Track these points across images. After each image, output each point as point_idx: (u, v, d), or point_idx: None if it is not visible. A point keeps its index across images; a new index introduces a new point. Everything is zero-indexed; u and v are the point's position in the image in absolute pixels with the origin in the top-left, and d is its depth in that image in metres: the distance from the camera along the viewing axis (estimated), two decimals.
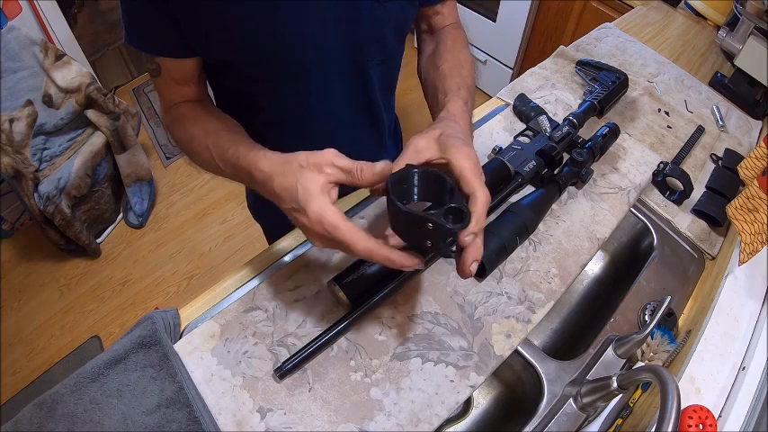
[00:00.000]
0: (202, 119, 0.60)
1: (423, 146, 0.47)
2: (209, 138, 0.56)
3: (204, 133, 0.57)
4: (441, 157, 0.47)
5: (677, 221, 0.78)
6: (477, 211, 0.42)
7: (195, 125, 0.59)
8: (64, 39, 1.95)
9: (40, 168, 1.60)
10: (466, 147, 0.46)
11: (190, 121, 0.60)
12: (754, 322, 0.66)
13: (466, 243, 0.41)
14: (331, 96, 0.65)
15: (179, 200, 2.02)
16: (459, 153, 0.45)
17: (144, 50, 0.56)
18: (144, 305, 1.73)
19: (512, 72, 2.13)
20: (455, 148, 0.46)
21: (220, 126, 0.58)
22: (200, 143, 0.57)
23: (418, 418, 0.54)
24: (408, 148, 0.47)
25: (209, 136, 0.56)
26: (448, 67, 0.61)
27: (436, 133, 0.49)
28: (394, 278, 0.57)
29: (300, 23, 0.54)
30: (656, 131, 0.89)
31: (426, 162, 0.47)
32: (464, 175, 0.44)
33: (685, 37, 1.16)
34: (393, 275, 0.57)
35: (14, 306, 1.73)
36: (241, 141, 0.54)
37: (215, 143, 0.55)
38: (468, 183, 0.44)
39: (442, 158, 0.47)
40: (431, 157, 0.47)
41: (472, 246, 0.41)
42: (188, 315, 0.62)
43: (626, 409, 0.60)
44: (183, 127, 0.60)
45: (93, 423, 0.50)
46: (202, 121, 0.59)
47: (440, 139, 0.48)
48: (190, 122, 0.60)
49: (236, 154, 0.52)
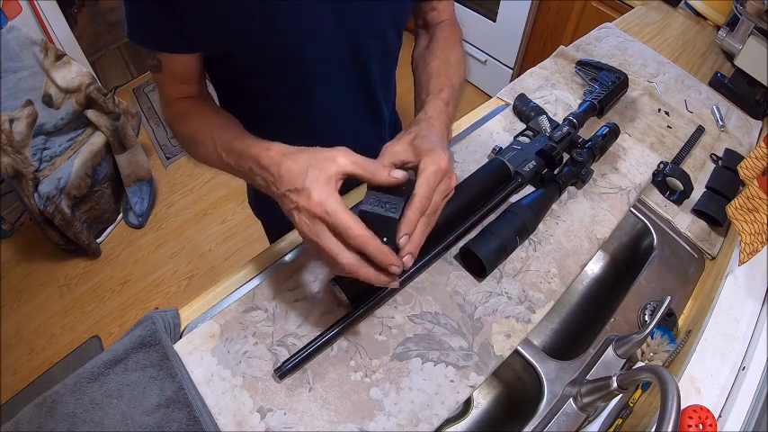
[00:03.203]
0: (207, 113, 0.60)
1: (398, 150, 0.50)
2: (214, 130, 0.57)
3: (209, 126, 0.58)
4: (416, 160, 0.49)
5: (677, 221, 0.78)
6: (406, 215, 0.46)
7: (199, 118, 0.59)
8: (64, 39, 1.94)
9: (40, 168, 1.60)
10: (437, 151, 0.48)
11: (193, 115, 0.60)
12: (754, 322, 0.66)
13: (401, 245, 0.46)
14: (332, 91, 0.65)
15: (179, 200, 2.02)
16: (427, 157, 0.48)
17: (145, 46, 0.56)
18: (144, 305, 1.73)
19: (512, 72, 2.13)
20: (428, 153, 0.48)
21: (226, 122, 0.59)
22: (204, 134, 0.57)
23: (418, 418, 0.54)
24: (384, 155, 0.50)
25: (214, 129, 0.57)
26: (435, 66, 0.62)
27: (410, 137, 0.51)
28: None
29: (300, 21, 0.54)
30: (656, 131, 0.89)
31: (402, 163, 0.50)
32: (419, 177, 0.47)
33: (685, 37, 1.16)
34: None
35: (14, 306, 1.73)
36: (248, 134, 0.55)
37: (220, 135, 0.55)
38: (418, 185, 0.47)
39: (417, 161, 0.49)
40: (405, 160, 0.50)
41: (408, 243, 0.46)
42: (188, 315, 0.62)
43: (626, 409, 0.60)
44: (186, 120, 0.60)
45: (93, 423, 0.50)
46: (206, 115, 0.60)
47: (414, 143, 0.50)
48: (193, 116, 0.60)
49: (244, 142, 0.52)
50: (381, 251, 0.45)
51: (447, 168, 0.48)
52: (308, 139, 0.55)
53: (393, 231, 0.46)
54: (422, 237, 0.48)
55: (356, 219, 0.44)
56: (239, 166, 0.53)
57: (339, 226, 0.44)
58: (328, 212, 0.44)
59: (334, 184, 0.46)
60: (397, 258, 0.46)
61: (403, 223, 0.46)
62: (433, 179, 0.47)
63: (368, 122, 0.75)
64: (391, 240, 0.46)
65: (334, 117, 0.69)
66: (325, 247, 0.45)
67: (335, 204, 0.44)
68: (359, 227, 0.44)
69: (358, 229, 0.44)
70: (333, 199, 0.44)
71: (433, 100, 0.57)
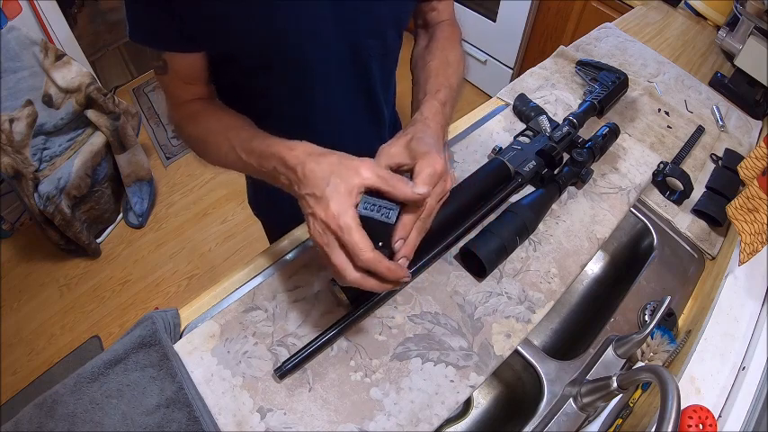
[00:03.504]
0: (218, 114, 0.60)
1: (394, 152, 0.50)
2: (228, 131, 0.56)
3: (222, 126, 0.57)
4: (412, 162, 0.49)
5: (677, 221, 0.78)
6: (402, 220, 0.47)
7: (211, 119, 0.59)
8: (64, 39, 1.94)
9: (40, 168, 1.60)
10: (433, 154, 0.48)
11: (203, 117, 0.60)
12: (754, 322, 0.66)
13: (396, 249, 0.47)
14: (333, 91, 0.65)
15: (179, 200, 2.02)
16: (423, 160, 0.48)
17: (147, 45, 0.56)
18: (144, 305, 1.73)
19: (512, 72, 2.13)
20: (424, 155, 0.48)
21: (240, 122, 0.58)
22: (217, 135, 0.57)
23: (418, 418, 0.54)
24: (380, 156, 0.50)
25: (228, 129, 0.57)
26: (434, 66, 0.62)
27: (406, 139, 0.51)
28: None
29: (300, 21, 0.54)
30: (656, 131, 0.89)
31: (398, 165, 0.50)
32: (415, 180, 0.47)
33: (685, 37, 1.16)
34: None
35: (14, 306, 1.73)
36: (266, 133, 0.54)
37: (237, 135, 0.55)
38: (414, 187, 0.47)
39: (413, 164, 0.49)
40: (400, 163, 0.50)
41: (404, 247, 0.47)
42: (188, 315, 0.62)
43: (626, 409, 0.60)
44: (196, 122, 0.60)
45: (93, 423, 0.50)
46: (218, 116, 0.60)
47: (410, 145, 0.50)
48: (203, 117, 0.60)
49: (265, 142, 0.52)
50: (390, 270, 0.45)
51: (442, 171, 0.48)
52: (307, 139, 0.55)
53: (388, 236, 0.47)
54: (417, 240, 0.48)
55: (367, 239, 0.44)
56: (261, 166, 0.52)
57: (349, 245, 0.44)
58: (341, 228, 0.44)
59: (354, 197, 0.45)
60: (405, 270, 0.46)
61: (398, 227, 0.47)
62: (430, 180, 0.47)
63: (368, 122, 0.75)
64: (386, 245, 0.47)
65: (335, 117, 0.69)
66: (333, 260, 0.45)
67: (350, 221, 0.44)
68: (368, 248, 0.44)
69: (368, 252, 0.44)
70: (349, 215, 0.44)
71: (430, 100, 0.57)
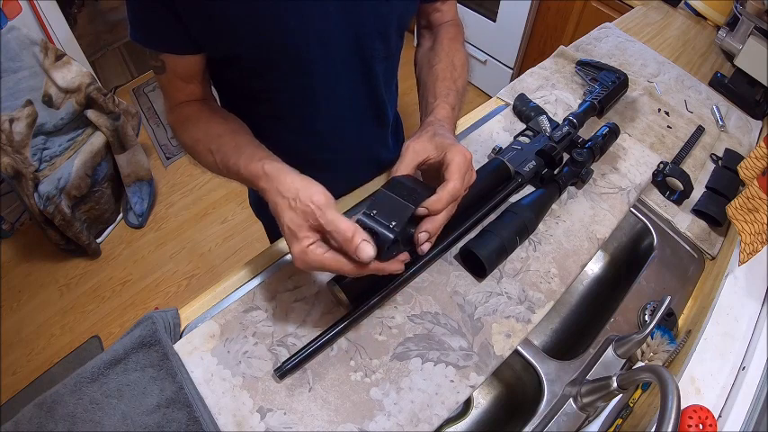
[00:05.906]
0: (206, 121, 0.60)
1: (419, 148, 0.52)
2: (212, 142, 0.57)
3: (208, 138, 0.58)
4: (439, 155, 0.52)
5: (677, 221, 0.78)
6: (440, 195, 0.48)
7: (199, 129, 0.59)
8: (64, 39, 1.95)
9: (40, 168, 1.60)
10: (459, 145, 0.52)
11: (193, 125, 0.60)
12: (754, 322, 0.66)
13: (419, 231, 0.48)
14: (337, 92, 0.65)
15: (179, 200, 2.02)
16: (454, 149, 0.51)
17: (148, 47, 0.56)
18: (144, 305, 1.73)
19: (512, 72, 2.13)
20: (451, 146, 0.52)
21: (224, 129, 0.59)
22: (203, 147, 0.58)
23: (418, 418, 0.54)
24: (407, 153, 0.52)
25: (212, 140, 0.57)
26: (441, 69, 0.64)
27: (429, 135, 0.53)
28: (394, 278, 0.58)
29: (305, 21, 0.54)
30: (656, 131, 0.89)
31: (425, 161, 0.52)
32: (450, 166, 0.50)
33: (685, 37, 1.16)
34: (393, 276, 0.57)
35: (14, 306, 1.73)
36: (244, 148, 0.55)
37: (218, 149, 0.56)
38: (450, 172, 0.50)
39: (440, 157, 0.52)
40: (428, 157, 0.52)
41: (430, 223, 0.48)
42: (188, 315, 0.62)
43: (626, 409, 0.60)
44: (187, 130, 0.60)
45: (93, 423, 0.50)
46: (206, 123, 0.60)
47: (434, 140, 0.53)
48: (193, 125, 0.60)
49: (236, 164, 0.54)
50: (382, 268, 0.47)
51: (470, 159, 0.51)
52: (311, 140, 0.55)
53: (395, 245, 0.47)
54: (443, 221, 0.49)
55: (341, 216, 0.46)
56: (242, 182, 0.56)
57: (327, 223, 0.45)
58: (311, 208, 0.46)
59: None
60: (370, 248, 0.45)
61: (432, 201, 0.48)
62: (463, 167, 0.50)
63: (371, 123, 0.75)
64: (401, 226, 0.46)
65: (338, 117, 0.69)
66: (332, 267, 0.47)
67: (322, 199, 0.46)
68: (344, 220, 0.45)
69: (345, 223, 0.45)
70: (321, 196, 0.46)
71: (442, 104, 0.60)
